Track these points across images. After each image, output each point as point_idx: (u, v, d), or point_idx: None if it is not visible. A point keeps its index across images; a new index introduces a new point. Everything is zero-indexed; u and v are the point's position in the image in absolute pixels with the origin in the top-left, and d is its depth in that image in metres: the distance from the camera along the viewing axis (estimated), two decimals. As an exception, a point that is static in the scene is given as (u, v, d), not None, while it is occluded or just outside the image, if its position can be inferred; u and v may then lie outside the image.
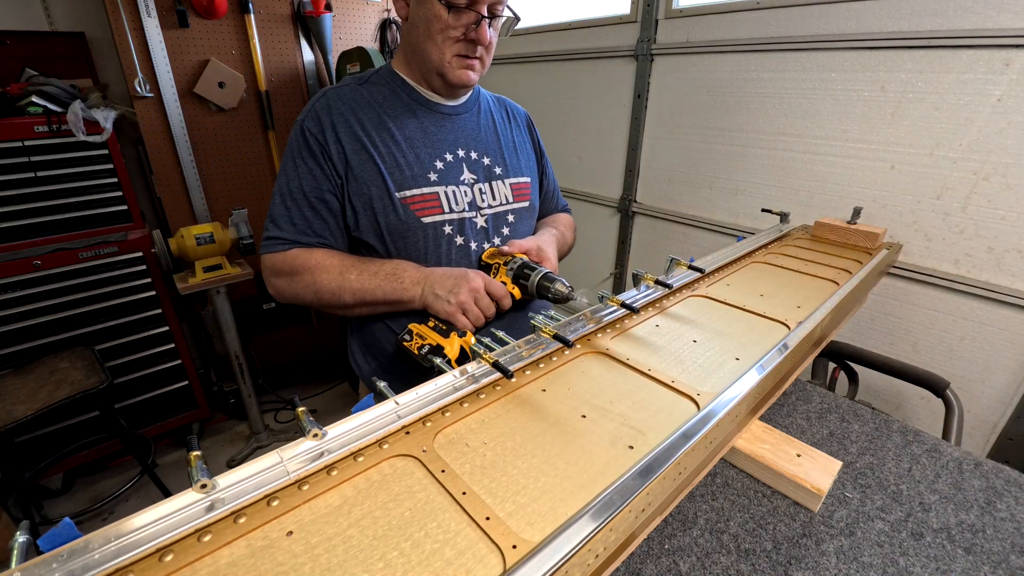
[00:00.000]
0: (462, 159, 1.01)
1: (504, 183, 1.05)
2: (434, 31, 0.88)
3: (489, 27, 0.90)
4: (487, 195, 1.03)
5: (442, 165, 0.98)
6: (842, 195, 1.59)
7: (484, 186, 1.03)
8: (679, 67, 1.92)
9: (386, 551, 0.43)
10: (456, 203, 0.99)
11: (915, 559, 0.62)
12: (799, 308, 0.95)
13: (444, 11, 0.85)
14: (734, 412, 0.66)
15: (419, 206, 0.95)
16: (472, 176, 1.01)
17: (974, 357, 1.43)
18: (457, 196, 0.99)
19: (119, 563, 0.39)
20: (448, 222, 0.98)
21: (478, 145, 1.04)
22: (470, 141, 1.03)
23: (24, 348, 2.04)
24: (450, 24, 0.87)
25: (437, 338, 0.83)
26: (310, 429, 0.53)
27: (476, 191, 1.01)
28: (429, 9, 0.86)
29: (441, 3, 0.85)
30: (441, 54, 0.90)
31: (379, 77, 1.00)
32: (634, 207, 2.23)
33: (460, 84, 0.95)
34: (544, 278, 0.90)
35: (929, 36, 1.32)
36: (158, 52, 2.19)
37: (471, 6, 0.86)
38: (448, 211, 0.98)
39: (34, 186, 1.96)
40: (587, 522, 0.46)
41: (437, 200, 0.97)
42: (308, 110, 0.95)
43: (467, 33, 0.89)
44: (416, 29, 0.91)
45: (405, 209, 0.94)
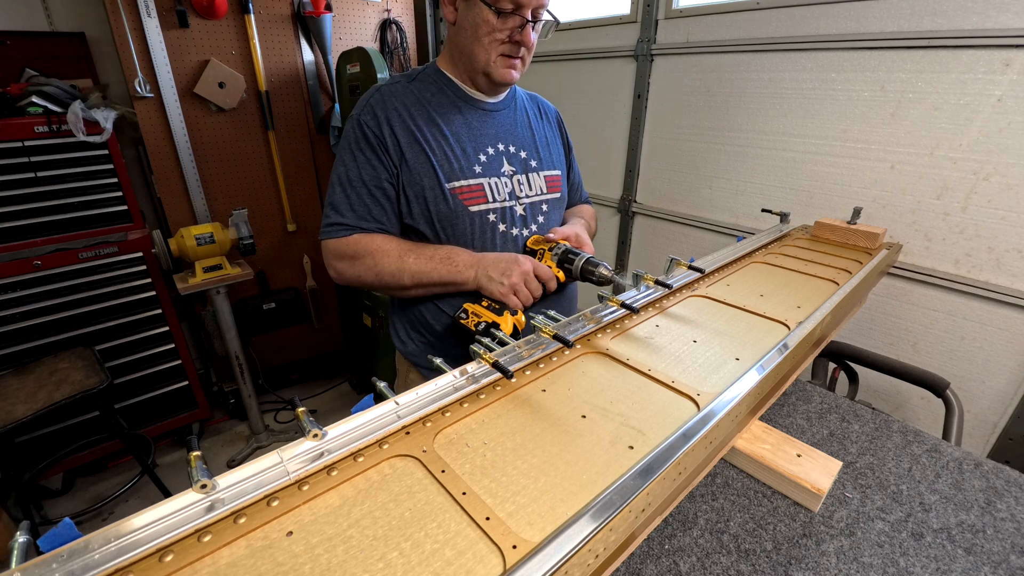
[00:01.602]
0: (502, 153, 1.09)
1: (539, 175, 1.14)
2: (481, 34, 0.95)
3: (532, 29, 0.97)
4: (524, 186, 1.11)
5: (485, 158, 1.06)
6: (842, 195, 1.59)
7: (522, 177, 1.11)
8: (679, 67, 1.92)
9: (386, 551, 0.43)
10: (498, 193, 1.07)
11: (915, 559, 0.62)
12: (799, 308, 0.95)
13: (492, 16, 0.92)
14: (734, 412, 0.66)
15: (467, 196, 1.03)
16: (511, 168, 1.09)
17: (974, 357, 1.43)
18: (499, 187, 1.07)
19: (119, 563, 0.39)
20: (492, 211, 1.06)
21: (516, 140, 1.12)
22: (509, 136, 1.11)
23: (24, 348, 2.04)
24: (497, 27, 0.94)
25: (492, 316, 0.91)
26: (310, 429, 0.53)
27: (515, 182, 1.10)
28: (478, 14, 0.93)
29: (490, 8, 0.92)
30: (487, 55, 0.97)
31: (426, 76, 1.07)
32: (634, 207, 2.23)
33: (504, 82, 1.02)
34: (588, 262, 0.98)
35: (929, 36, 1.32)
36: (158, 52, 2.19)
37: (516, 11, 0.93)
38: (492, 201, 1.06)
39: (34, 186, 1.96)
40: (587, 522, 0.46)
41: (482, 190, 1.05)
42: (364, 105, 1.01)
43: (512, 35, 0.96)
44: (464, 32, 0.98)
45: (454, 199, 1.02)
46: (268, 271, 2.81)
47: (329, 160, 2.87)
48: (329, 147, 2.83)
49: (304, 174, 2.79)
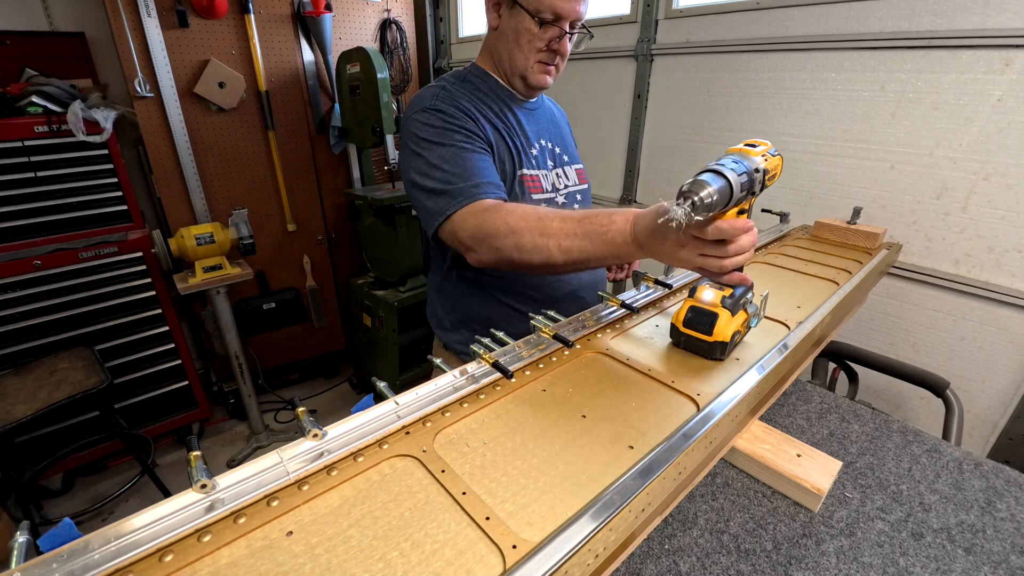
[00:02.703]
0: (544, 148, 1.16)
1: (571, 168, 1.22)
2: (523, 41, 1.01)
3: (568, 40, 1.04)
4: (563, 178, 1.19)
5: (536, 151, 1.14)
6: (842, 195, 1.59)
7: (559, 171, 1.19)
8: (679, 67, 1.92)
9: (386, 551, 0.43)
10: (548, 184, 1.14)
11: (915, 559, 0.62)
12: (799, 308, 0.95)
13: (535, 25, 0.98)
14: (734, 412, 0.66)
15: (530, 184, 1.10)
16: (551, 163, 1.18)
17: (974, 357, 1.43)
18: (548, 178, 1.15)
19: (119, 563, 0.39)
20: (546, 200, 1.13)
21: (551, 136, 1.20)
22: (546, 132, 1.19)
23: (24, 348, 2.04)
24: (537, 36, 1.00)
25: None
26: (310, 429, 0.53)
27: (555, 175, 1.17)
28: (520, 22, 0.99)
29: (533, 19, 0.98)
30: (526, 60, 1.04)
31: (474, 75, 1.12)
32: (634, 207, 2.23)
33: (539, 87, 1.10)
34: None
35: (929, 36, 1.32)
36: (158, 52, 2.19)
37: (556, 22, 0.99)
38: (545, 191, 1.13)
39: (34, 186, 1.96)
40: (587, 522, 0.46)
41: (539, 181, 1.12)
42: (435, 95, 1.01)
43: (550, 44, 1.02)
44: (506, 37, 1.04)
45: (522, 185, 1.08)
46: (268, 271, 2.81)
47: (329, 159, 2.87)
48: (329, 147, 2.83)
49: (304, 174, 2.79)
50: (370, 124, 2.39)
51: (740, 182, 0.63)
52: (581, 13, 1.00)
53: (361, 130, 2.49)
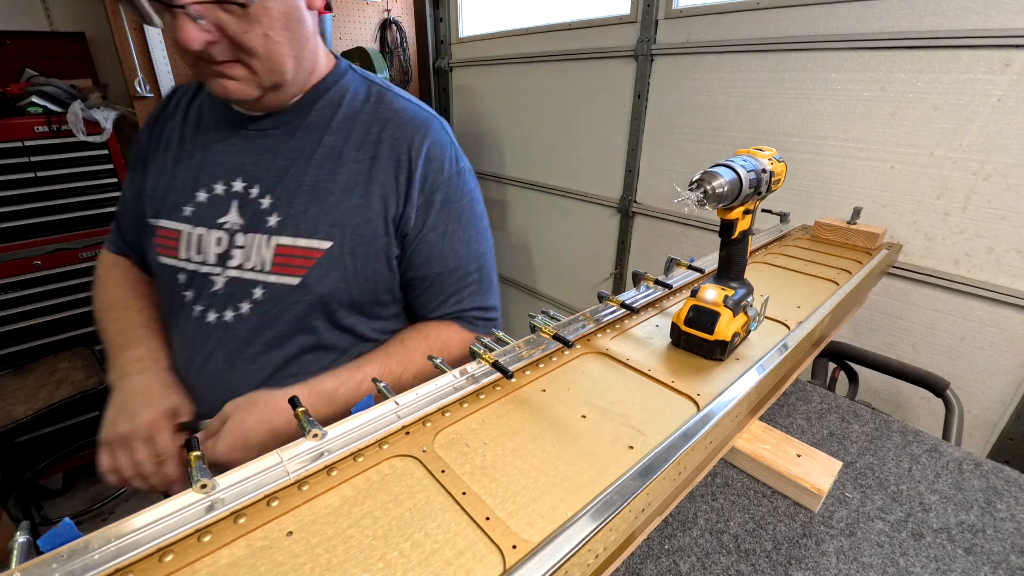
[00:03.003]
0: (234, 195, 0.74)
1: (269, 240, 0.73)
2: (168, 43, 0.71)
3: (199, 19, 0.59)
4: (242, 251, 0.74)
5: (205, 198, 0.75)
6: (842, 195, 1.59)
7: (246, 237, 0.74)
8: (679, 67, 1.92)
9: (386, 551, 0.43)
10: (194, 250, 0.74)
11: (915, 559, 0.62)
12: (799, 308, 0.95)
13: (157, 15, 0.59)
14: (734, 412, 0.66)
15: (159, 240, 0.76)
16: (239, 222, 0.74)
17: (974, 357, 1.43)
18: (202, 242, 0.74)
19: (119, 563, 0.39)
20: (182, 270, 0.75)
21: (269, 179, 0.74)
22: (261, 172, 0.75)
23: (24, 348, 2.04)
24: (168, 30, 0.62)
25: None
26: (310, 429, 0.53)
27: (234, 241, 0.74)
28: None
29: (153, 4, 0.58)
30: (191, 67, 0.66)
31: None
32: (634, 207, 2.23)
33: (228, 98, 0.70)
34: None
35: (929, 36, 1.32)
36: (158, 52, 2.19)
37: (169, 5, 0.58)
38: (183, 257, 0.75)
39: (34, 186, 1.96)
40: (587, 522, 0.46)
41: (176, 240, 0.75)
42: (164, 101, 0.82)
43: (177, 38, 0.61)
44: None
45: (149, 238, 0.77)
46: (268, 271, 2.81)
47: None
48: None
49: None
50: (370, 124, 2.38)
51: (749, 179, 0.65)
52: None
53: (361, 130, 2.48)
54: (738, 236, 0.77)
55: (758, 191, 0.70)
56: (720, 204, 0.64)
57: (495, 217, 3.05)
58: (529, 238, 2.88)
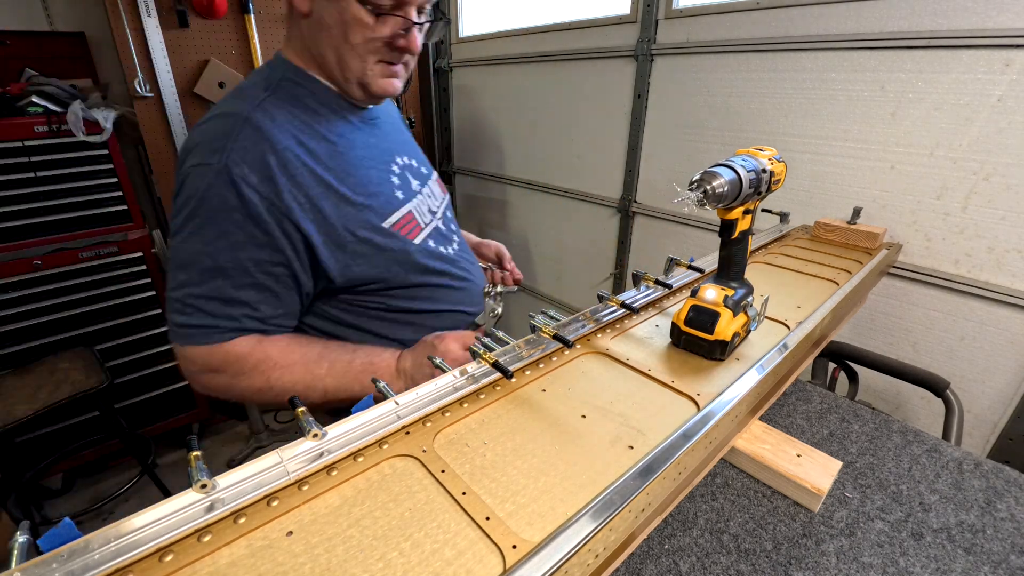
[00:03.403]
0: (404, 167, 0.91)
1: (433, 182, 0.99)
2: (355, 38, 0.74)
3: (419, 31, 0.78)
4: (432, 198, 0.96)
5: (397, 180, 0.88)
6: (842, 195, 1.59)
7: (427, 189, 0.95)
8: (679, 67, 1.92)
9: (386, 551, 0.43)
10: (424, 214, 0.91)
11: (915, 559, 0.62)
12: (799, 308, 0.95)
13: (367, 15, 0.72)
14: (734, 412, 0.66)
15: (406, 229, 0.86)
16: (417, 183, 0.93)
17: (974, 357, 1.43)
18: (421, 208, 0.91)
19: (119, 563, 0.39)
20: (430, 236, 0.90)
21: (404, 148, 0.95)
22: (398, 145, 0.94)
23: (24, 348, 2.04)
24: (374, 30, 0.74)
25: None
26: (310, 429, 0.53)
27: (426, 196, 0.94)
28: (346, 9, 0.71)
29: (365, 7, 0.72)
30: (363, 63, 0.77)
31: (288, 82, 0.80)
32: (634, 207, 2.23)
33: (384, 95, 0.83)
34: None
35: (929, 36, 1.32)
36: (158, 52, 2.19)
37: (397, 9, 0.74)
38: (424, 225, 0.90)
39: (34, 186, 1.96)
40: (587, 522, 0.46)
41: (414, 218, 0.88)
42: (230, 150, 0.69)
43: (394, 40, 0.76)
44: (329, 32, 0.75)
45: (396, 237, 0.83)
46: (268, 271, 2.81)
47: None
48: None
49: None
50: (370, 124, 2.38)
51: (749, 179, 0.65)
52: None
53: (361, 130, 2.48)
54: (738, 236, 0.77)
55: (758, 191, 0.70)
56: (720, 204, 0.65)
57: (495, 217, 3.05)
58: (529, 238, 2.88)
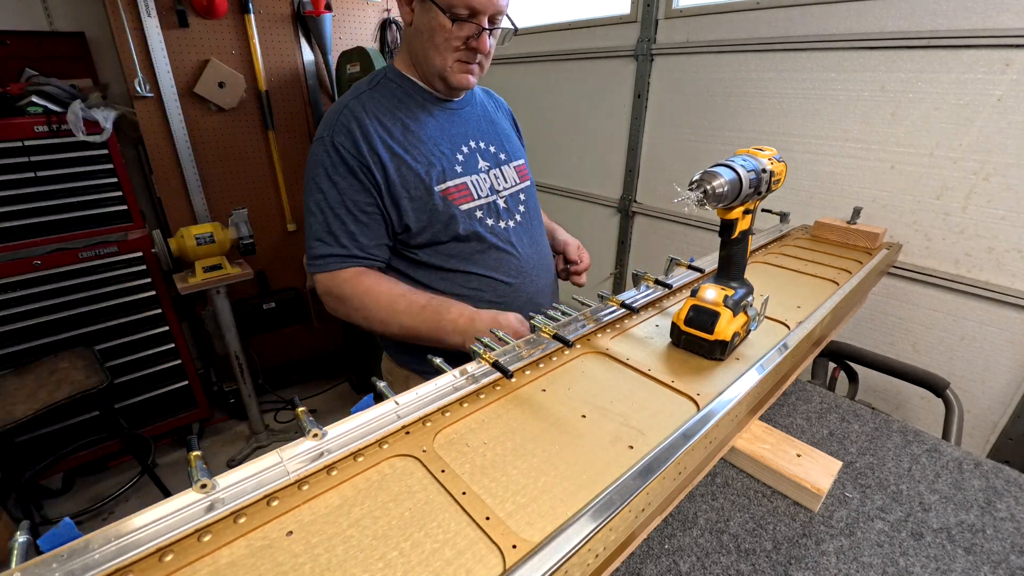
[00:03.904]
0: (475, 150, 1.11)
1: (509, 167, 1.17)
2: (438, 39, 0.94)
3: (489, 36, 0.97)
4: (500, 179, 1.13)
5: (463, 157, 1.08)
6: (842, 195, 1.59)
7: (496, 171, 1.13)
8: (679, 67, 1.92)
9: (386, 551, 0.43)
10: (481, 189, 1.08)
11: (915, 559, 0.62)
12: (799, 308, 0.95)
13: (447, 21, 0.91)
14: (734, 412, 0.66)
15: (455, 196, 1.04)
16: (486, 164, 1.12)
17: (974, 357, 1.43)
18: (479, 183, 1.09)
19: (119, 563, 0.39)
20: (479, 207, 1.07)
21: (483, 135, 1.14)
22: (476, 132, 1.13)
23: (24, 348, 2.04)
24: (453, 33, 0.93)
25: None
26: (310, 429, 0.53)
27: (492, 176, 1.12)
28: (433, 18, 0.92)
29: (445, 15, 0.90)
30: (444, 60, 0.97)
31: (388, 80, 1.05)
32: (634, 207, 2.23)
33: (461, 87, 1.03)
34: None
35: (929, 36, 1.32)
36: (158, 52, 2.19)
37: (472, 17, 0.92)
38: (477, 198, 1.07)
39: (34, 186, 1.96)
40: (587, 522, 0.46)
41: (468, 189, 1.06)
42: (334, 124, 0.98)
43: (468, 42, 0.95)
44: (420, 35, 0.97)
45: (444, 200, 1.02)
46: (268, 271, 2.81)
47: (329, 160, 2.87)
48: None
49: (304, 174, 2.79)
50: (370, 124, 2.39)
51: (749, 178, 0.65)
52: (501, 6, 0.93)
53: (361, 130, 2.49)
54: (738, 236, 0.77)
55: (758, 191, 0.70)
56: (720, 204, 0.65)
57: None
58: (529, 238, 2.88)
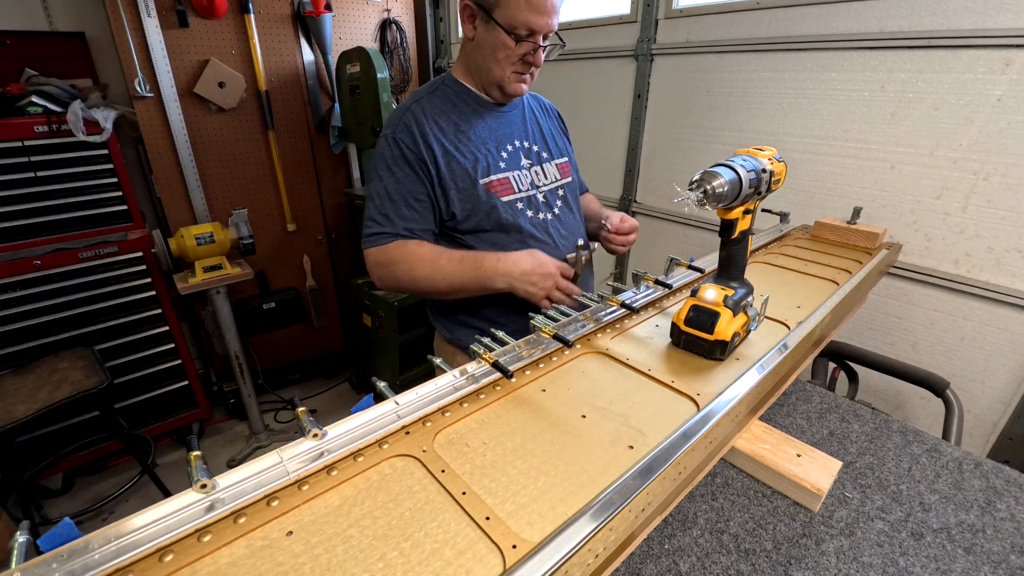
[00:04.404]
0: (519, 148, 1.22)
1: (551, 164, 1.28)
2: (499, 55, 1.07)
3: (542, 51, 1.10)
4: (541, 175, 1.25)
5: (507, 155, 1.19)
6: (842, 195, 1.59)
7: (537, 168, 1.24)
8: (679, 67, 1.92)
9: (386, 551, 0.43)
10: (522, 184, 1.20)
11: (915, 559, 0.62)
12: (799, 308, 0.95)
13: (511, 41, 1.04)
14: (734, 412, 0.66)
15: (497, 189, 1.15)
16: (528, 161, 1.23)
17: (974, 357, 1.43)
18: (521, 178, 1.20)
19: (119, 563, 0.39)
20: (520, 200, 1.19)
21: (527, 135, 1.25)
22: (521, 133, 1.25)
23: (24, 348, 2.04)
24: (513, 51, 1.06)
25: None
26: (310, 429, 0.53)
27: (533, 173, 1.23)
28: (496, 37, 1.05)
29: (510, 35, 1.03)
30: (503, 72, 1.10)
31: (446, 87, 1.19)
32: (634, 207, 2.23)
33: (515, 95, 1.17)
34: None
35: (929, 36, 1.32)
36: (158, 52, 2.19)
37: (530, 36, 1.05)
38: (518, 191, 1.19)
39: (34, 186, 1.96)
40: (587, 522, 0.46)
41: (509, 182, 1.18)
42: (396, 124, 1.13)
43: (525, 57, 1.08)
44: (482, 50, 1.09)
45: (487, 192, 1.14)
46: (268, 271, 2.81)
47: (329, 159, 2.87)
48: (329, 147, 2.83)
49: (304, 174, 2.79)
50: (370, 124, 2.39)
51: (749, 178, 0.65)
52: (553, 26, 1.07)
53: (361, 130, 2.49)
54: (738, 236, 0.77)
55: (758, 191, 0.70)
56: (720, 204, 0.65)
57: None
58: (529, 238, 2.88)
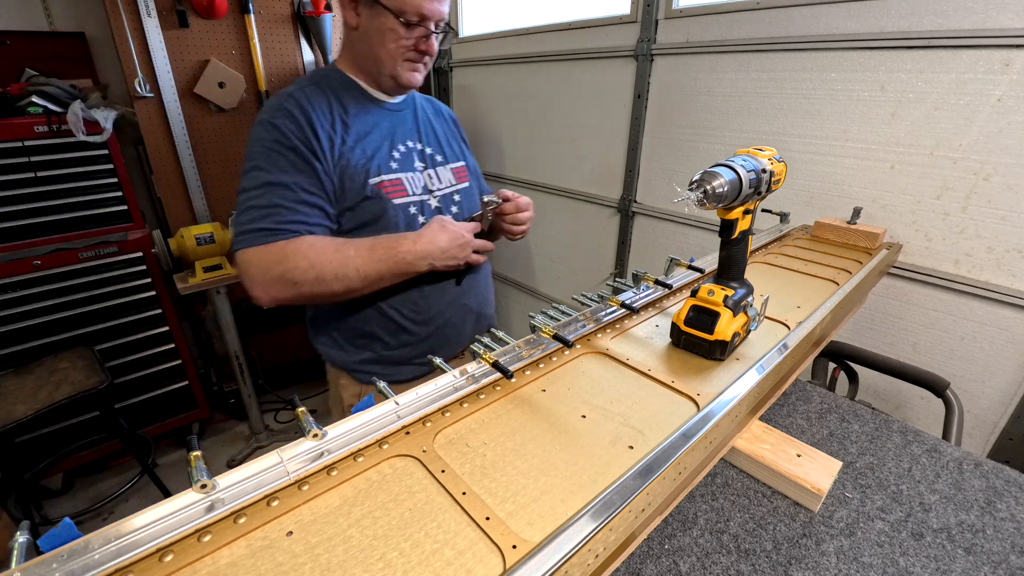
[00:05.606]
0: (412, 149, 1.15)
1: (446, 168, 1.22)
2: (388, 41, 1.00)
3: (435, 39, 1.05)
4: (435, 179, 1.18)
5: (399, 155, 1.12)
6: (842, 195, 1.59)
7: (431, 172, 1.18)
8: (679, 67, 1.92)
9: (386, 551, 0.43)
10: (415, 187, 1.13)
11: (915, 559, 0.62)
12: (799, 308, 0.95)
13: (400, 26, 0.98)
14: (734, 412, 0.66)
15: (389, 190, 1.08)
16: (421, 164, 1.16)
17: (974, 357, 1.43)
18: (414, 180, 1.13)
19: (119, 563, 0.39)
20: (412, 203, 1.11)
21: (420, 137, 1.19)
22: (414, 134, 1.18)
23: (24, 348, 2.04)
24: (403, 36, 1.00)
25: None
26: (310, 429, 0.53)
27: (426, 176, 1.16)
28: (384, 23, 0.99)
29: (398, 20, 0.98)
30: (394, 60, 1.04)
31: (331, 79, 1.09)
32: (634, 207, 2.23)
33: (410, 85, 1.10)
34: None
35: (929, 36, 1.32)
36: (158, 52, 2.19)
37: (421, 22, 1.00)
38: (412, 194, 1.11)
39: (34, 186, 1.96)
40: (587, 522, 0.46)
41: (402, 184, 1.10)
42: (276, 108, 0.99)
43: (417, 45, 1.03)
44: (368, 38, 1.02)
45: (378, 193, 1.06)
46: (268, 271, 2.81)
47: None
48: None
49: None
50: (370, 124, 2.39)
51: (749, 179, 0.65)
52: (444, 13, 1.02)
53: (361, 130, 2.49)
54: (738, 236, 0.77)
55: (758, 191, 0.71)
56: (720, 204, 0.65)
57: (495, 217, 3.04)
58: (529, 238, 2.88)
